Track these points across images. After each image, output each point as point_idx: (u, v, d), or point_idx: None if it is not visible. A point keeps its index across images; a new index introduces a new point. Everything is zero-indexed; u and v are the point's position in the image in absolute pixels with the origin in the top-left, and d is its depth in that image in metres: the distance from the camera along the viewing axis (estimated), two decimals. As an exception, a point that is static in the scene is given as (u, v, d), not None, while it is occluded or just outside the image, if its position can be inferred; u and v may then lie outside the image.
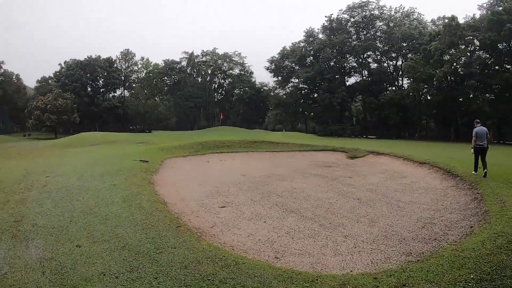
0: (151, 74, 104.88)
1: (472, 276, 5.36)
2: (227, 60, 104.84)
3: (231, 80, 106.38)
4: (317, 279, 5.48)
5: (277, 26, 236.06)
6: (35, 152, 33.55)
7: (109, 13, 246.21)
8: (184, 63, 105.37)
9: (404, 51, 77.68)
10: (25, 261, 6.11)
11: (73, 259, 6.15)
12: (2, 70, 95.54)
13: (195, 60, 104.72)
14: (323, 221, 9.08)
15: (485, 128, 14.69)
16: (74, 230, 7.70)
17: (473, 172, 14.70)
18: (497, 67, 61.17)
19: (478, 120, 15.45)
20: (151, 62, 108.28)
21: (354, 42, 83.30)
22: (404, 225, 8.78)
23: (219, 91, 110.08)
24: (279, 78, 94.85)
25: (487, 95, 63.79)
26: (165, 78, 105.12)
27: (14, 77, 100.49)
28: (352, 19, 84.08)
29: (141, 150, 25.58)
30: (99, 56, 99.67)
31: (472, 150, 14.68)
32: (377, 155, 24.64)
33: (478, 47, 62.33)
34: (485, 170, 13.90)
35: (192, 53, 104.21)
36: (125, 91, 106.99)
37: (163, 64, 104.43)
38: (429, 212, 10.03)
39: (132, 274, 5.56)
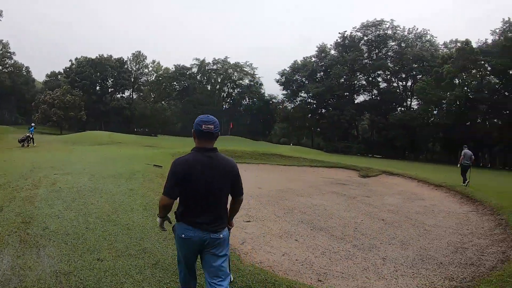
0: (160, 78, 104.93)
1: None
2: (238, 70, 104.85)
3: (240, 90, 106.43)
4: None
5: (287, 41, 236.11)
6: (41, 146, 33.41)
7: (120, 16, 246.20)
8: (194, 70, 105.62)
9: (414, 72, 79.27)
10: (37, 274, 5.12)
11: (96, 275, 5.20)
12: (13, 61, 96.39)
13: (206, 68, 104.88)
14: (354, 241, 8.90)
15: (470, 152, 19.99)
16: (92, 239, 6.69)
17: (462, 184, 18.76)
18: (506, 93, 62.03)
19: (466, 145, 21.11)
20: (162, 66, 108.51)
21: (366, 61, 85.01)
22: (436, 249, 8.66)
23: (228, 100, 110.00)
24: (288, 91, 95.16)
25: (495, 120, 64.82)
26: (175, 83, 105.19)
27: (24, 69, 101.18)
28: (365, 37, 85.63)
29: (150, 154, 25.36)
30: (111, 56, 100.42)
31: (459, 165, 19.98)
32: (390, 175, 24.63)
33: (489, 72, 63.05)
34: (468, 181, 18.80)
35: (204, 60, 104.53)
36: (134, 93, 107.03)
37: (174, 69, 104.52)
38: (457, 237, 9.95)
39: (172, 300, 4.92)
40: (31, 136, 33.37)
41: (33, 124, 36.32)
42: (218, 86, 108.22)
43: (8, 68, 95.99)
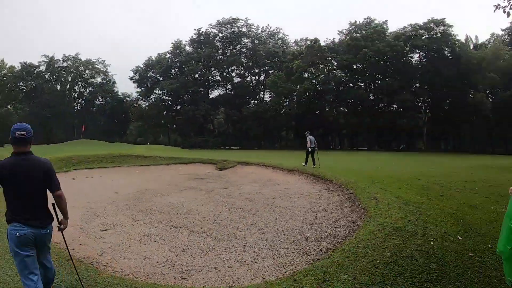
0: (5, 78, 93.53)
1: (378, 261, 5.83)
2: (90, 67, 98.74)
3: (92, 89, 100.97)
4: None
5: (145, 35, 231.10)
6: None
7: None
8: (43, 68, 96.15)
9: (267, 67, 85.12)
10: None
11: None
12: None
13: (55, 65, 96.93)
14: (214, 234, 8.96)
15: (313, 137, 21.82)
16: None
17: (303, 164, 20.73)
18: (351, 85, 71.51)
19: (309, 131, 22.88)
20: (6, 64, 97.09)
21: (220, 57, 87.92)
22: (293, 229, 9.10)
23: (79, 100, 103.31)
24: (143, 89, 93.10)
25: (342, 108, 72.55)
26: (21, 83, 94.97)
27: None
28: (220, 34, 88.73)
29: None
30: None
31: (310, 149, 21.00)
32: (246, 165, 25.33)
33: (335, 67, 71.28)
34: (315, 165, 20.18)
35: (53, 57, 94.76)
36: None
37: (20, 67, 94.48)
38: (311, 214, 10.59)
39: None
40: None
41: None
42: (68, 86, 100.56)
43: None
